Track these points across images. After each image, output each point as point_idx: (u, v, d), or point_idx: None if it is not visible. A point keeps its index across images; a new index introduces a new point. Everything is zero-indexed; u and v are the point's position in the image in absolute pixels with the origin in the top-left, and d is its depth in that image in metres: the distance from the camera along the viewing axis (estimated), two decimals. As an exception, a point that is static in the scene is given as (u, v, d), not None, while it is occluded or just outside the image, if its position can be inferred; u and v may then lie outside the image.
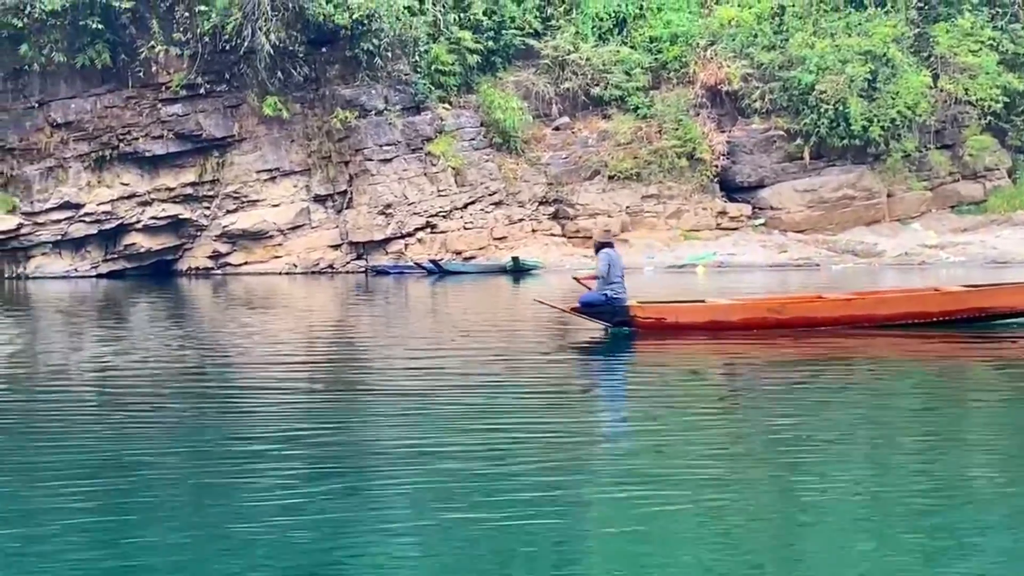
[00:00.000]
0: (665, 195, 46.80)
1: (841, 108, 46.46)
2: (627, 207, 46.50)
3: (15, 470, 10.03)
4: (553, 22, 48.76)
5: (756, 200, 48.29)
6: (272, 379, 15.86)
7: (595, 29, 48.82)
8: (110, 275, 43.63)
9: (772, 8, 49.05)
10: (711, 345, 18.52)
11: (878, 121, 46.66)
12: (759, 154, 48.08)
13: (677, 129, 47.04)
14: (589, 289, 19.77)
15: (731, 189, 48.25)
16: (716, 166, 47.29)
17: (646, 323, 19.32)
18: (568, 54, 47.71)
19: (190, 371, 16.78)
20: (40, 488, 9.23)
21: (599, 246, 19.60)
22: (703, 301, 21.02)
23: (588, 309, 19.48)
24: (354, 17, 42.56)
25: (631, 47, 48.59)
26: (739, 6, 49.23)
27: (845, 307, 19.94)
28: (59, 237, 42.69)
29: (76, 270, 43.18)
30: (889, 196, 48.58)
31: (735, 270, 41.41)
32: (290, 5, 41.68)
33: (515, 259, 42.47)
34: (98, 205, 42.77)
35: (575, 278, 21.38)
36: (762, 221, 47.66)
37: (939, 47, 49.12)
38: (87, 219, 42.75)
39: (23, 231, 42.37)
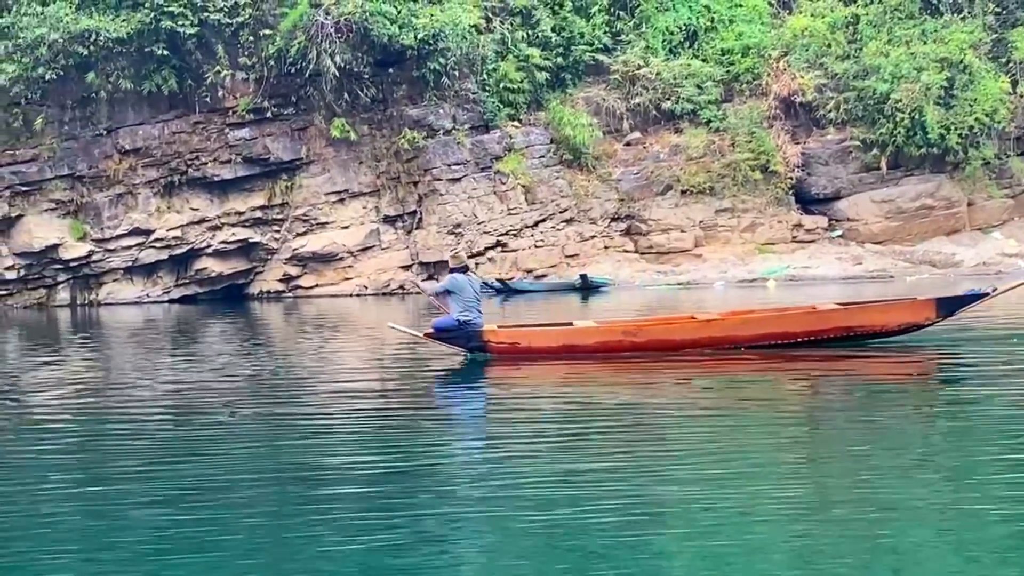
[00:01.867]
0: (739, 209, 46.17)
1: (917, 117, 45.57)
2: (700, 221, 45.92)
3: (94, 497, 10.06)
4: (623, 37, 48.32)
5: (832, 212, 47.52)
6: (345, 403, 15.65)
7: (665, 43, 48.34)
8: (182, 300, 43.74)
9: (846, 17, 48.26)
10: (552, 371, 18.02)
11: (955, 129, 45.74)
12: (835, 165, 47.30)
13: (750, 142, 46.43)
14: (440, 313, 19.64)
15: (806, 201, 47.50)
16: (791, 178, 46.58)
17: (500, 348, 18.94)
18: (638, 68, 47.24)
19: (264, 394, 16.73)
20: (120, 507, 9.42)
21: (451, 270, 19.27)
22: (570, 324, 20.44)
23: (442, 335, 19.13)
24: (420, 37, 42.41)
25: (702, 60, 48.06)
26: (812, 16, 48.51)
27: (703, 329, 19.29)
28: (130, 263, 42.87)
29: (148, 296, 43.33)
30: (969, 205, 47.60)
31: (807, 283, 40.69)
32: (354, 27, 41.55)
33: (583, 276, 42.00)
34: (168, 230, 42.92)
35: (412, 281, 21.02)
36: (839, 233, 46.89)
37: (1018, 52, 48.03)
38: (157, 244, 42.91)
39: (94, 258, 42.61)
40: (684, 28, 48.69)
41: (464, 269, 19.16)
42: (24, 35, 40.19)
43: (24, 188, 42.12)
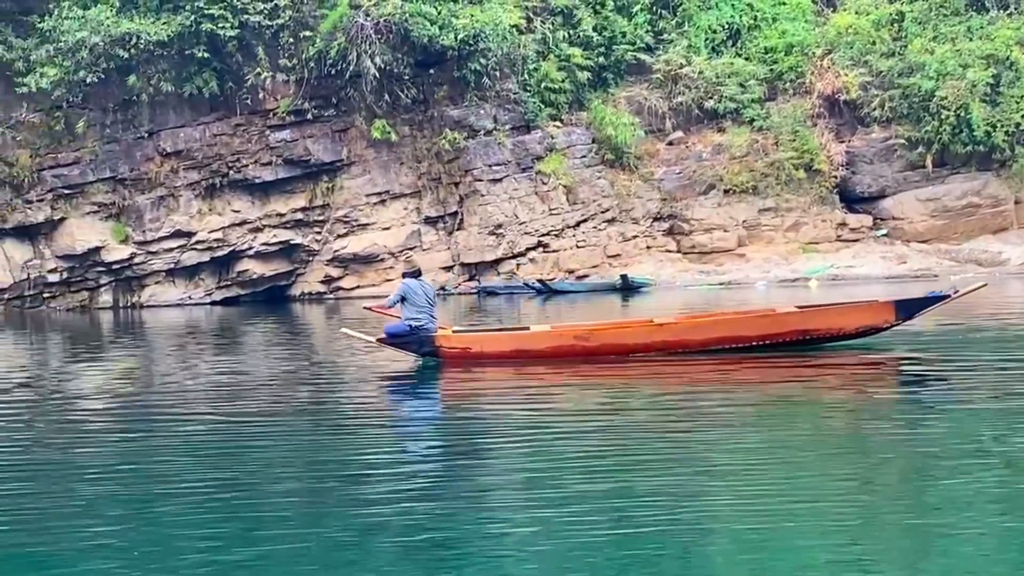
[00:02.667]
0: (783, 208, 45.84)
1: (963, 114, 45.11)
2: (744, 221, 45.64)
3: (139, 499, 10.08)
4: (665, 36, 48.15)
5: (877, 211, 47.13)
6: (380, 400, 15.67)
7: (708, 42, 48.12)
8: (224, 302, 43.85)
9: (890, 14, 47.88)
10: (497, 376, 17.70)
11: (1002, 126, 45.23)
12: (879, 163, 46.90)
13: (794, 140, 46.10)
14: (390, 319, 19.37)
15: (851, 200, 47.12)
16: (835, 177, 46.22)
17: (451, 353, 18.65)
18: (681, 68, 47.02)
19: (303, 394, 16.70)
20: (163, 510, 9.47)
21: (403, 275, 19.05)
22: (526, 328, 20.12)
23: (394, 340, 18.92)
24: (460, 38, 42.35)
25: (745, 58, 47.78)
26: (856, 13, 48.16)
27: (655, 333, 18.81)
28: (172, 265, 43.02)
29: (190, 298, 43.48)
30: (1017, 203, 46.97)
31: (849, 283, 40.33)
32: (394, 28, 41.53)
33: (624, 277, 41.81)
34: (209, 233, 43.05)
35: (367, 308, 20.80)
36: (885, 231, 46.49)
37: (1065, 48, 47.55)
38: (199, 247, 43.05)
39: (136, 260, 42.80)
40: (727, 26, 48.43)
41: (416, 274, 18.89)
42: (65, 38, 40.34)
43: (66, 191, 42.31)
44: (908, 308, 18.85)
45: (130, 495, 10.11)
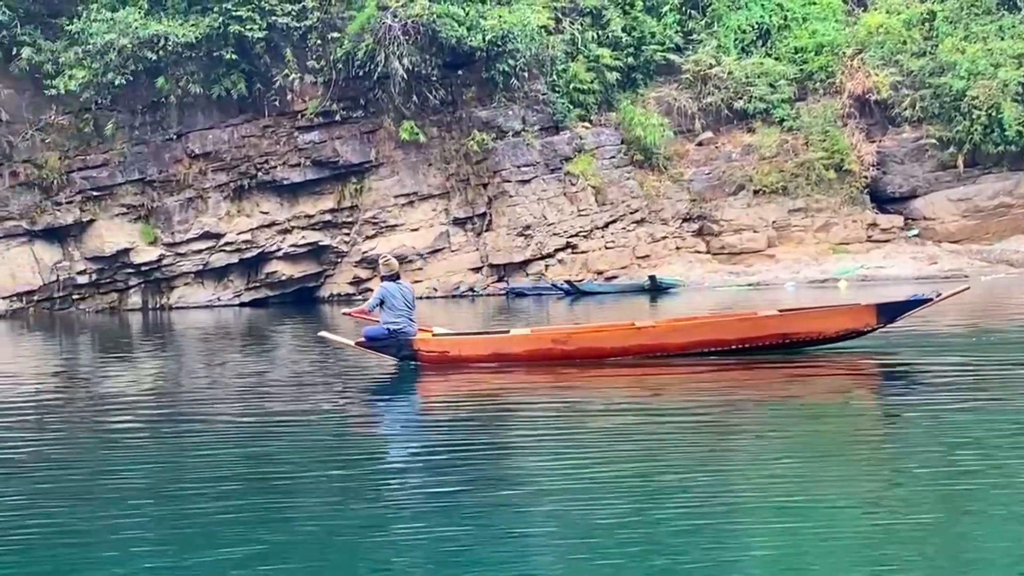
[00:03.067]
0: (813, 208, 45.61)
1: (995, 114, 44.81)
2: (773, 222, 45.43)
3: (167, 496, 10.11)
4: (694, 36, 48.01)
5: (908, 211, 46.84)
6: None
7: (737, 42, 47.93)
8: (253, 303, 43.88)
9: (921, 13, 47.59)
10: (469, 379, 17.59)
11: (1034, 126, 44.98)
12: (910, 163, 46.63)
13: (824, 140, 45.86)
14: (369, 323, 19.18)
15: (882, 200, 46.85)
16: (866, 177, 45.95)
17: (430, 357, 18.51)
18: (710, 68, 46.86)
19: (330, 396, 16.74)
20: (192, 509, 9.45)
21: (382, 278, 18.73)
22: (506, 332, 19.94)
23: (373, 343, 18.75)
24: (488, 39, 42.28)
25: (775, 58, 47.57)
26: (887, 13, 47.90)
27: (633, 336, 18.53)
28: (201, 267, 43.08)
29: (219, 299, 43.54)
30: (1049, 203, 46.76)
31: (880, 283, 40.09)
32: (422, 29, 41.52)
33: (652, 278, 41.67)
34: (238, 234, 43.11)
35: (346, 312, 20.67)
36: (916, 232, 46.22)
37: (1098, 47, 47.20)
38: (228, 248, 43.11)
39: (165, 262, 42.88)
40: (756, 26, 48.23)
41: (395, 277, 18.68)
42: (94, 41, 40.45)
43: (95, 193, 42.42)
44: (890, 311, 18.55)
45: (160, 491, 10.18)
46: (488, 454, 11.61)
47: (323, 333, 20.43)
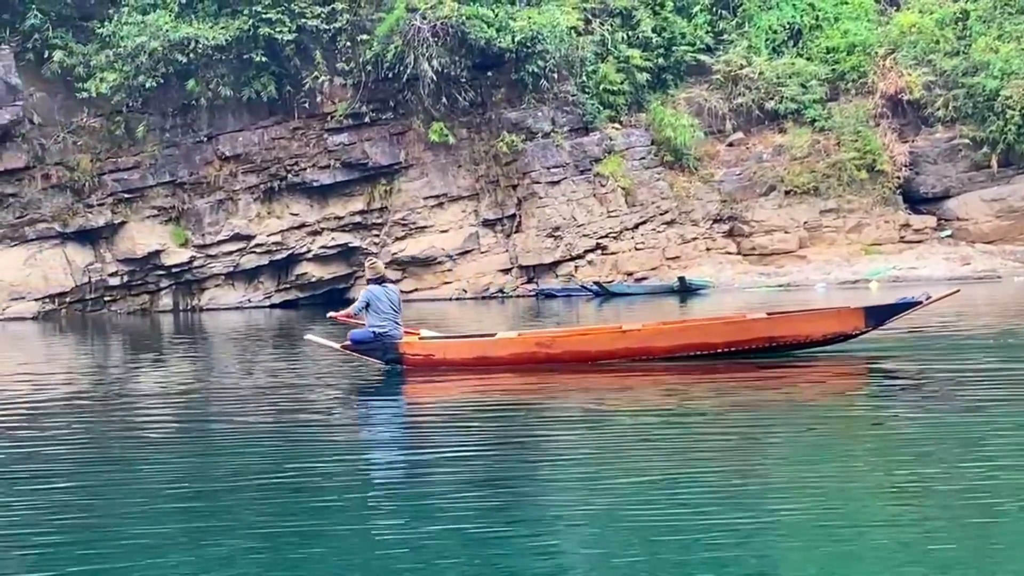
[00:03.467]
0: (845, 209, 45.40)
1: (1029, 113, 44.58)
2: (805, 222, 45.25)
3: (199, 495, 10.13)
4: (725, 36, 47.88)
5: (941, 211, 46.56)
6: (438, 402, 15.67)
7: (768, 42, 47.78)
8: (283, 305, 44.02)
9: (954, 13, 47.29)
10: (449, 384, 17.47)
11: (1068, 126, 44.65)
12: (943, 164, 46.36)
13: (856, 141, 45.66)
14: (355, 326, 18.94)
15: (914, 201, 46.58)
16: (898, 177, 45.70)
17: (415, 360, 18.31)
18: (741, 68, 46.74)
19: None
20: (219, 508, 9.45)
21: (368, 281, 18.57)
22: (493, 335, 19.69)
23: (359, 346, 18.57)
24: (517, 40, 42.32)
25: (807, 59, 47.42)
26: (920, 12, 47.62)
27: (618, 340, 18.32)
28: (231, 268, 43.26)
29: (249, 300, 43.71)
30: (1084, 203, 46.38)
31: (911, 284, 39.84)
32: (451, 30, 41.58)
33: (682, 279, 41.59)
34: (268, 236, 43.30)
35: (331, 316, 20.15)
36: (949, 232, 45.93)
37: None
38: (258, 250, 43.30)
39: (196, 263, 43.10)
40: (788, 26, 48.09)
41: (380, 280, 18.51)
42: (125, 44, 40.73)
43: (127, 195, 42.68)
44: (878, 315, 18.29)
45: (190, 491, 10.22)
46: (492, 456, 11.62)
47: (309, 336, 20.36)
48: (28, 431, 14.19)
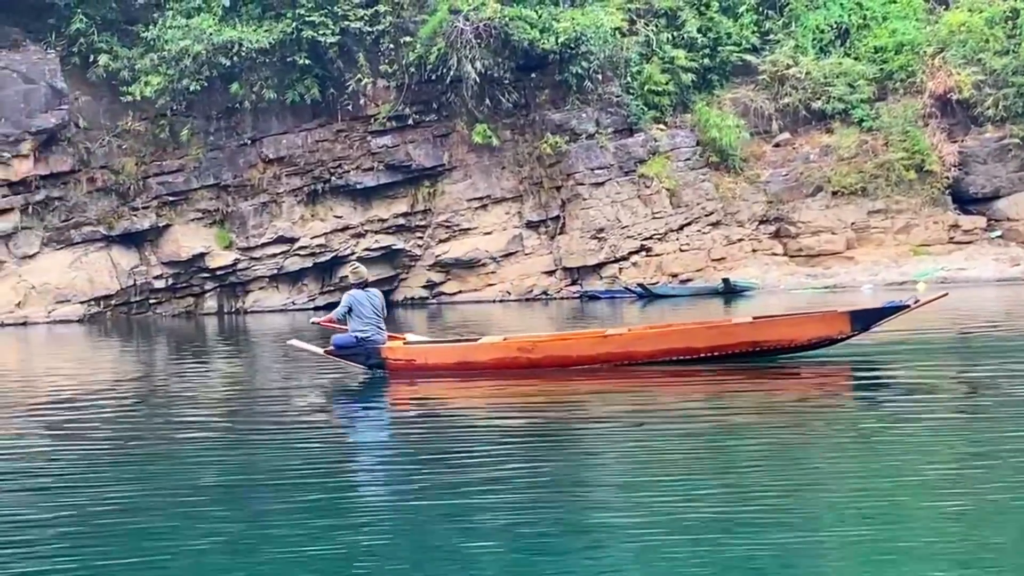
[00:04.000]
0: (893, 210, 45.01)
1: (1081, 112, 44.10)
2: (852, 223, 44.88)
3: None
4: (771, 36, 47.59)
5: (991, 212, 46.08)
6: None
7: (815, 41, 47.46)
8: (327, 307, 43.90)
9: (1004, 11, 46.80)
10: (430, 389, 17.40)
11: (1121, 124, 44.11)
12: (993, 164, 45.89)
13: (904, 141, 45.27)
14: (337, 331, 18.90)
15: (964, 201, 46.11)
16: (947, 178, 45.28)
17: (397, 365, 18.30)
18: (787, 68, 46.43)
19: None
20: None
21: (351, 286, 18.62)
22: (475, 340, 19.62)
23: (342, 352, 18.56)
24: (561, 41, 42.22)
25: (854, 58, 47.05)
26: (969, 11, 47.14)
27: (600, 345, 18.21)
28: (275, 271, 43.35)
29: (293, 303, 43.76)
30: None
31: (959, 285, 39.42)
32: (495, 32, 41.49)
33: (726, 280, 41.34)
34: (312, 238, 43.35)
35: (314, 322, 20.50)
36: (999, 233, 45.45)
37: None
38: (302, 252, 43.34)
39: (240, 266, 43.21)
40: (835, 26, 47.73)
41: (363, 285, 18.55)
42: (169, 47, 40.86)
43: (171, 198, 42.82)
44: (865, 319, 18.06)
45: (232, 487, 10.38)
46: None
47: (293, 341, 20.28)
48: (76, 429, 14.34)
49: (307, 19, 41.29)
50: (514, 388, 16.81)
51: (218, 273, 43.34)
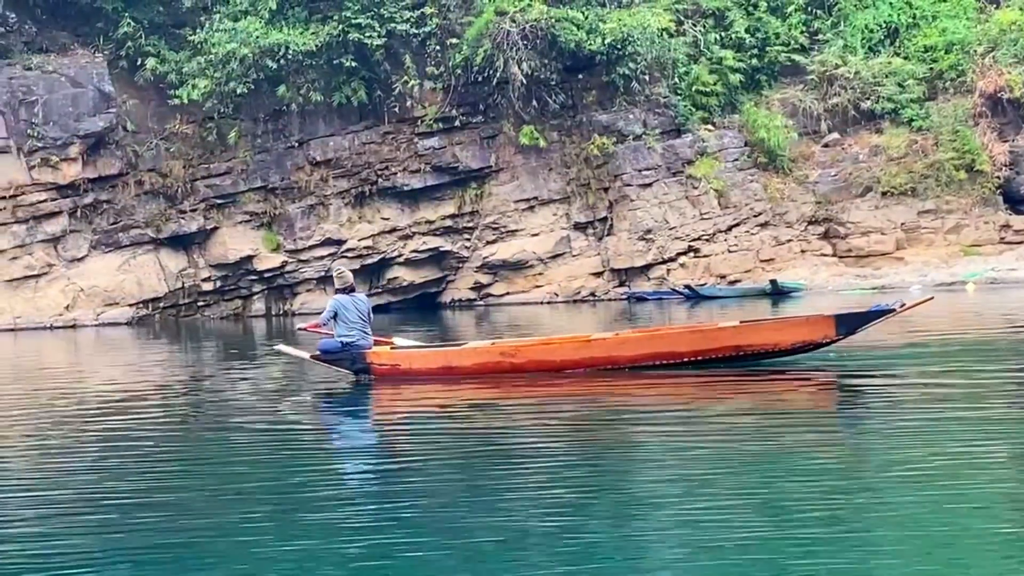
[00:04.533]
0: (943, 210, 44.65)
1: None
2: (902, 224, 44.55)
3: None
4: (820, 36, 47.34)
5: (1043, 212, 45.71)
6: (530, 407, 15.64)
7: (864, 41, 47.17)
8: (375, 310, 43.83)
9: (1056, 10, 46.48)
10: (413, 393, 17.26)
11: None
12: (1045, 163, 45.53)
13: (955, 140, 44.91)
14: (322, 336, 18.82)
15: (1015, 201, 45.69)
16: (998, 177, 44.91)
17: (382, 370, 18.11)
18: (836, 68, 46.14)
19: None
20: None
21: (336, 291, 18.53)
22: (461, 344, 19.53)
23: (328, 357, 18.41)
24: (607, 42, 42.13)
25: (904, 58, 46.72)
26: (1020, 9, 46.75)
27: (583, 349, 17.98)
28: (323, 273, 43.34)
29: (341, 305, 43.67)
30: None
31: (1009, 286, 39.08)
32: (541, 33, 41.44)
33: (773, 282, 41.11)
34: (359, 240, 43.43)
35: (301, 328, 20.36)
36: (1051, 233, 45.06)
37: None
38: (349, 254, 43.33)
39: (287, 268, 43.34)
40: (884, 25, 47.42)
41: (349, 290, 18.42)
42: (216, 50, 41.00)
43: (219, 201, 43.00)
44: (849, 323, 17.79)
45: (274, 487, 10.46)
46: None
47: (280, 346, 20.24)
48: (125, 430, 14.48)
49: (353, 21, 41.36)
50: (498, 392, 16.80)
51: (266, 275, 43.50)
